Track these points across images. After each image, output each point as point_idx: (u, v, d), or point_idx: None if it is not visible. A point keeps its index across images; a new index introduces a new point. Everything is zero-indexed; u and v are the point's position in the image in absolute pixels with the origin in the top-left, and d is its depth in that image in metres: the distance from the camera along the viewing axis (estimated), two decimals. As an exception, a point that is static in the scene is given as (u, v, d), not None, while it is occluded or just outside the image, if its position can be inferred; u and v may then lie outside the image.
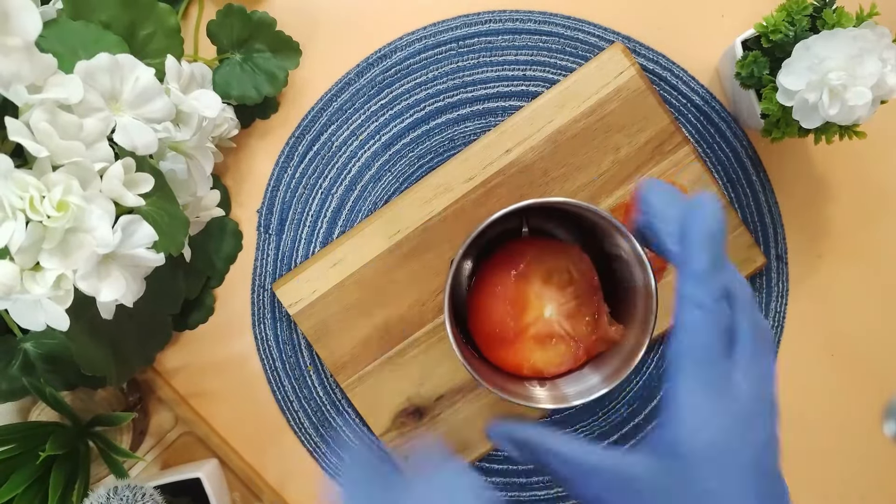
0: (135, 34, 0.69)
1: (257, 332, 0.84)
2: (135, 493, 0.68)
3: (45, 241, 0.52)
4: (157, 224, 0.58)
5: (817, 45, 0.66)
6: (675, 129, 0.79)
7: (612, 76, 0.78)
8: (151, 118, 0.60)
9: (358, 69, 0.83)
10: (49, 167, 0.53)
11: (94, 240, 0.54)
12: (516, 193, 0.79)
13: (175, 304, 0.77)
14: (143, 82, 0.59)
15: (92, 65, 0.56)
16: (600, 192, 0.80)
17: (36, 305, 0.54)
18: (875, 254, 0.84)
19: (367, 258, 0.79)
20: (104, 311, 0.58)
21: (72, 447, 0.72)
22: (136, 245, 0.56)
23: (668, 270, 0.79)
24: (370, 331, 0.80)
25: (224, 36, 0.77)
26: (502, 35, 0.82)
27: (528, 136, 0.79)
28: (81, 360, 0.63)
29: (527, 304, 0.71)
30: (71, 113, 0.55)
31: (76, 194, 0.52)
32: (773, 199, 0.83)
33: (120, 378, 0.71)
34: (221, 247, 0.82)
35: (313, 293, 0.79)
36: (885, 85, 0.67)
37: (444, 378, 0.81)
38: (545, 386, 0.71)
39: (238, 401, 0.85)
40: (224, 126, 0.77)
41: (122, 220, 0.55)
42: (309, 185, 0.83)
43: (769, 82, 0.71)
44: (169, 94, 0.62)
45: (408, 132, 0.83)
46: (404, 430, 0.81)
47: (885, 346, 0.83)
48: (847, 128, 0.71)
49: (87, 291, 0.54)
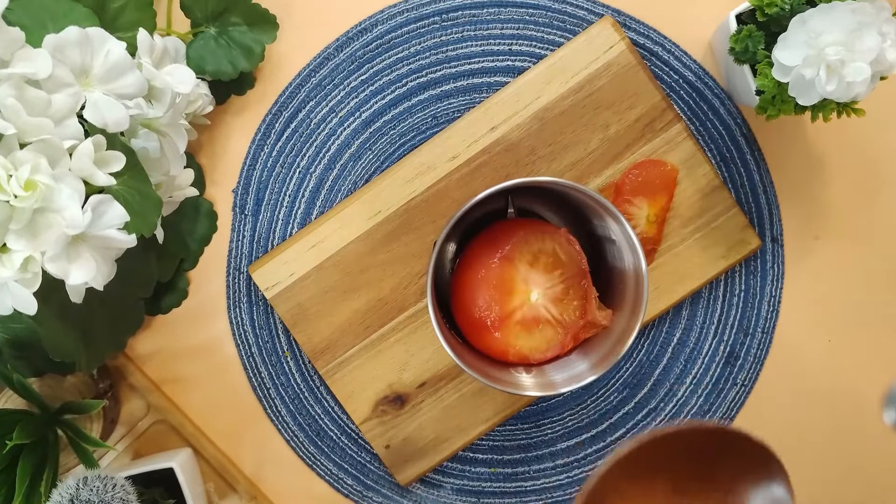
0: (105, 7, 0.69)
1: (232, 316, 0.84)
2: (105, 484, 0.67)
3: (13, 221, 0.52)
4: (129, 204, 0.58)
5: (814, 18, 0.66)
6: (666, 106, 0.79)
7: (601, 51, 0.78)
8: (123, 94, 0.60)
9: (337, 43, 0.82)
10: (16, 145, 0.53)
11: (63, 220, 0.53)
12: (502, 173, 0.79)
13: (147, 287, 0.76)
14: (114, 57, 0.59)
15: (61, 38, 0.56)
16: (589, 171, 0.79)
17: (2, 288, 0.54)
18: (874, 235, 0.84)
19: (346, 240, 0.79)
20: (73, 294, 0.57)
21: (40, 436, 0.71)
22: (106, 226, 0.56)
23: (658, 253, 0.79)
24: (350, 315, 0.80)
25: (198, 8, 0.77)
26: (487, 8, 0.81)
27: (513, 113, 0.78)
28: (50, 346, 0.64)
29: (512, 287, 0.71)
30: (39, 88, 0.54)
31: (44, 173, 0.52)
32: (768, 178, 0.83)
33: (90, 364, 0.70)
34: (195, 228, 0.82)
35: (291, 276, 0.79)
36: (885, 60, 0.67)
37: (426, 364, 0.81)
38: (531, 372, 0.72)
39: (212, 388, 0.85)
40: (198, 102, 0.76)
41: (92, 199, 0.55)
42: (286, 164, 0.83)
43: (764, 57, 0.71)
44: (141, 69, 0.62)
45: (389, 109, 0.82)
46: (385, 418, 0.81)
47: (884, 332, 0.83)
48: (845, 105, 0.71)
49: (55, 274, 0.54)
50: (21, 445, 0.68)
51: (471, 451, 0.84)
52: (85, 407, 0.72)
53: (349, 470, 0.84)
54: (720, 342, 0.83)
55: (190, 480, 0.76)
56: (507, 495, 0.85)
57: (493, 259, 0.70)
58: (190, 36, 0.77)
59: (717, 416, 0.83)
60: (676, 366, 0.83)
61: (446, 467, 0.84)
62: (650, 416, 0.84)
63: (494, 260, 0.70)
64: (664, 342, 0.83)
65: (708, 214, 0.79)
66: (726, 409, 0.83)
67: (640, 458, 0.51)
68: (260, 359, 0.84)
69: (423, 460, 0.81)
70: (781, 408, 0.73)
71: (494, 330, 0.70)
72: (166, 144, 0.66)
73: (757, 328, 0.83)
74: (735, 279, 0.82)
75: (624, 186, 0.78)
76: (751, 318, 0.83)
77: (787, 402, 0.81)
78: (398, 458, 0.81)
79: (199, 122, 0.80)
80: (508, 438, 0.84)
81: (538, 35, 0.81)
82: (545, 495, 0.84)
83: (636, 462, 0.52)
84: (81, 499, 0.65)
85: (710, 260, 0.79)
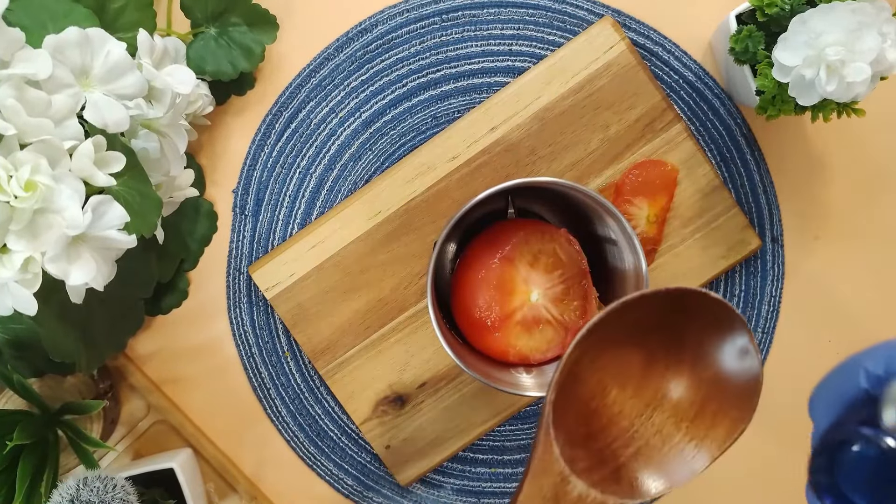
0: (105, 7, 0.69)
1: (233, 316, 0.83)
2: (105, 485, 0.67)
3: (13, 222, 0.52)
4: (129, 204, 0.58)
5: (814, 18, 0.66)
6: (666, 107, 0.78)
7: (601, 51, 0.78)
8: (123, 94, 0.60)
9: (337, 44, 0.82)
10: (16, 145, 0.53)
11: (63, 221, 0.53)
12: (502, 173, 0.79)
13: (147, 287, 0.76)
14: (115, 57, 0.59)
15: (61, 39, 0.56)
16: (589, 171, 0.79)
17: (3, 289, 0.54)
18: (874, 236, 0.83)
19: (346, 240, 0.79)
20: (74, 294, 0.57)
21: (40, 436, 0.71)
22: (106, 226, 0.56)
23: (658, 253, 0.78)
24: (350, 315, 0.80)
25: (198, 9, 0.76)
26: (487, 8, 0.81)
27: (513, 113, 0.78)
28: (50, 346, 0.63)
29: (513, 288, 0.70)
30: (39, 89, 0.54)
31: (45, 174, 0.52)
32: (768, 178, 0.83)
33: (90, 364, 0.70)
34: (195, 228, 0.82)
35: (291, 276, 0.79)
36: (885, 60, 0.66)
37: (426, 364, 0.81)
38: (532, 373, 0.71)
39: (213, 388, 0.84)
40: (198, 103, 0.76)
41: (92, 200, 0.55)
42: (286, 165, 0.83)
43: (764, 58, 0.71)
44: (141, 70, 0.62)
45: (389, 109, 0.82)
46: (385, 418, 0.81)
47: (884, 332, 0.82)
48: (845, 105, 0.71)
49: (55, 274, 0.54)
50: (21, 446, 0.68)
51: (471, 451, 0.84)
52: (85, 407, 0.72)
53: (349, 470, 0.84)
54: (720, 342, 0.83)
55: (190, 481, 0.76)
56: (508, 495, 0.85)
57: (494, 259, 0.70)
58: (190, 36, 0.77)
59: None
60: (677, 366, 0.83)
61: (446, 467, 0.84)
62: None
63: (495, 260, 0.70)
64: (664, 342, 0.83)
65: (708, 214, 0.79)
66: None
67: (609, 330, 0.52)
68: (260, 359, 0.83)
69: (424, 460, 0.81)
70: (781, 408, 0.73)
71: (495, 330, 0.70)
72: (166, 145, 0.66)
73: (757, 328, 0.82)
74: (735, 279, 0.82)
75: (624, 187, 0.78)
76: (751, 318, 0.82)
77: (787, 402, 0.81)
78: (398, 458, 0.81)
79: (199, 122, 0.80)
80: (508, 438, 0.84)
81: (538, 35, 0.81)
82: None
83: (607, 335, 0.53)
84: (82, 499, 0.65)
85: (710, 260, 0.79)
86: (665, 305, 0.52)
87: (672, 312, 0.53)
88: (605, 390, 0.55)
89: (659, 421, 0.55)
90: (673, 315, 0.53)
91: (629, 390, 0.55)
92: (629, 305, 0.51)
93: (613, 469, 0.54)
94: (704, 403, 0.54)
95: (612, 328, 0.53)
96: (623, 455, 0.54)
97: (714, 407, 0.52)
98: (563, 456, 0.51)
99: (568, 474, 0.51)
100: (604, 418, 0.55)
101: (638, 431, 0.55)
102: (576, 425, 0.54)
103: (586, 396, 0.55)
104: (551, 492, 0.51)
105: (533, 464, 0.51)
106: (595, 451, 0.54)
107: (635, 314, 0.52)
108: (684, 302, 0.52)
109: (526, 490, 0.51)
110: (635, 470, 0.54)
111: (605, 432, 0.55)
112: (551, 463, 0.51)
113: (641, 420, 0.55)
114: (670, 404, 0.55)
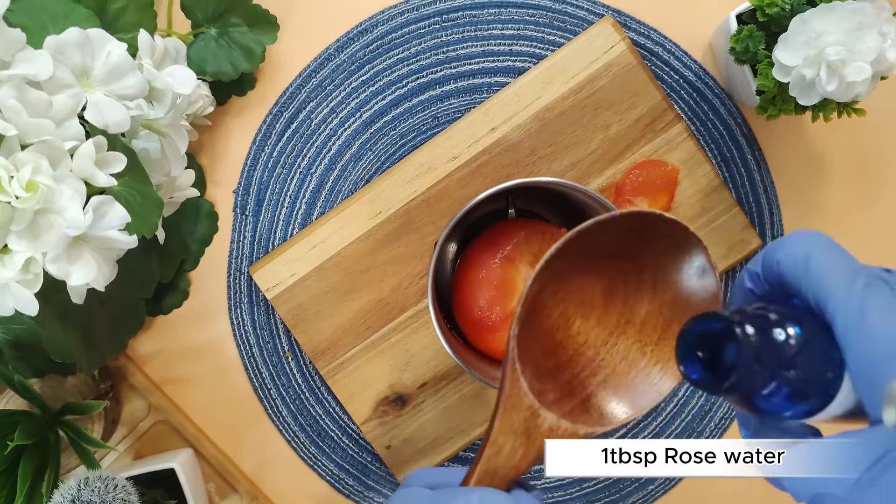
0: (106, 8, 0.69)
1: (233, 316, 0.83)
2: (106, 485, 0.67)
3: (14, 222, 0.52)
4: (130, 205, 0.58)
5: (815, 18, 0.66)
6: (667, 107, 0.78)
7: (601, 51, 0.78)
8: (123, 95, 0.60)
9: (338, 44, 0.82)
10: (17, 146, 0.53)
11: (64, 221, 0.53)
12: (502, 173, 0.79)
13: (148, 287, 0.76)
14: (115, 58, 0.59)
15: (62, 39, 0.56)
16: (589, 171, 0.79)
17: (4, 289, 0.54)
18: (874, 236, 0.83)
19: (347, 240, 0.79)
20: (75, 295, 0.57)
21: (41, 437, 0.71)
22: (107, 227, 0.56)
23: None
24: (350, 315, 0.80)
25: (199, 9, 0.76)
26: (487, 8, 0.81)
27: (514, 113, 0.78)
28: (51, 346, 0.63)
29: (513, 288, 0.70)
30: (40, 90, 0.54)
31: (46, 174, 0.52)
32: (768, 178, 0.82)
33: (91, 365, 0.70)
34: (196, 228, 0.82)
35: (291, 276, 0.79)
36: (885, 60, 0.67)
37: (427, 365, 0.81)
38: None
39: (213, 388, 0.84)
40: (199, 103, 0.76)
41: (93, 200, 0.55)
42: (287, 165, 0.83)
43: (765, 57, 0.71)
44: (142, 70, 0.62)
45: (390, 109, 0.82)
46: (386, 418, 0.81)
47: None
48: (845, 105, 0.71)
49: (56, 275, 0.54)
50: (22, 446, 0.68)
51: (471, 451, 0.84)
52: (86, 408, 0.72)
53: (350, 470, 0.84)
54: (721, 342, 0.82)
55: (191, 481, 0.76)
56: (508, 495, 0.85)
57: (494, 259, 0.70)
58: (190, 37, 0.77)
59: (718, 416, 0.83)
60: (677, 366, 0.83)
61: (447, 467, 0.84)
62: (651, 416, 0.83)
63: (495, 260, 0.70)
64: (665, 342, 0.83)
65: (709, 214, 0.79)
66: (727, 408, 0.83)
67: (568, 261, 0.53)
68: (261, 359, 0.83)
69: (424, 461, 0.81)
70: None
71: (495, 330, 0.70)
72: (167, 145, 0.66)
73: (757, 328, 0.82)
74: (736, 279, 0.82)
75: (625, 186, 0.78)
76: (751, 318, 0.82)
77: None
78: (399, 458, 0.81)
79: (199, 122, 0.80)
80: (509, 438, 0.84)
81: (538, 35, 0.81)
82: (545, 495, 0.84)
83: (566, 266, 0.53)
84: (83, 499, 0.65)
85: (710, 260, 0.79)
86: (621, 232, 0.53)
87: (629, 238, 0.53)
88: (569, 321, 0.55)
89: (624, 347, 0.55)
90: (630, 241, 0.53)
91: (592, 320, 0.55)
92: (585, 234, 0.51)
93: (583, 399, 0.54)
94: (667, 326, 0.54)
95: (571, 259, 0.53)
96: (591, 384, 0.54)
97: (676, 328, 0.52)
98: (532, 389, 0.51)
99: (537, 407, 0.51)
100: (569, 349, 0.55)
101: (604, 360, 0.55)
102: (542, 358, 0.54)
103: (550, 329, 0.55)
104: (522, 426, 0.51)
105: (502, 400, 0.52)
106: (563, 382, 0.54)
107: (593, 243, 0.53)
108: (640, 226, 0.52)
109: (497, 426, 0.51)
110: (604, 398, 0.54)
111: (571, 363, 0.55)
112: (520, 398, 0.51)
113: (607, 348, 0.55)
114: (634, 330, 0.55)
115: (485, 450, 0.51)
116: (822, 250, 0.46)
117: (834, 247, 0.46)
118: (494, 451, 0.51)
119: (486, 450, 0.51)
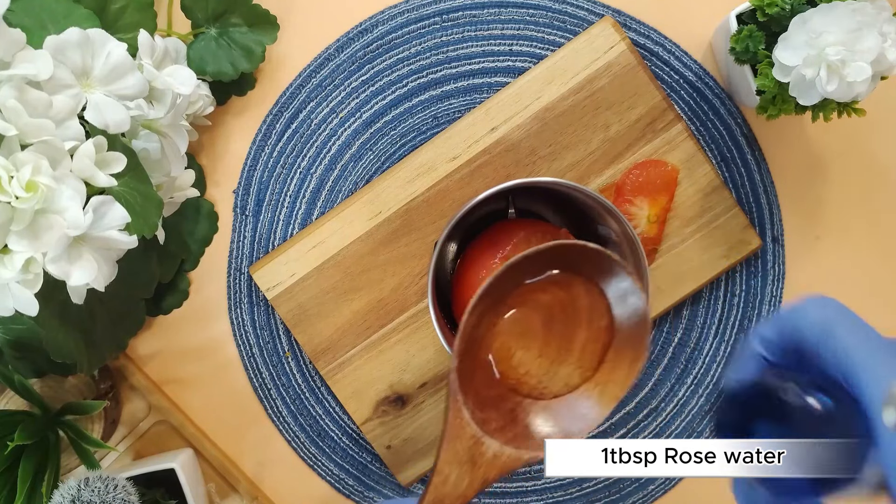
0: (106, 8, 0.69)
1: (233, 316, 0.83)
2: (107, 485, 0.67)
3: (14, 222, 0.52)
4: (130, 205, 0.58)
5: (815, 18, 0.66)
6: (667, 107, 0.78)
7: (601, 51, 0.77)
8: (124, 95, 0.60)
9: (338, 44, 0.82)
10: (17, 146, 0.53)
11: (64, 221, 0.53)
12: (502, 173, 0.79)
13: (148, 288, 0.76)
14: (115, 58, 0.59)
15: (62, 40, 0.56)
16: (589, 171, 0.79)
17: (4, 289, 0.54)
18: (875, 235, 0.83)
19: (347, 240, 0.79)
20: (75, 295, 0.57)
21: (41, 437, 0.71)
22: (107, 227, 0.56)
23: (659, 253, 0.78)
24: (350, 315, 0.80)
25: (199, 9, 0.76)
26: (488, 8, 0.81)
27: (514, 113, 0.78)
28: (51, 347, 0.63)
29: None
30: (40, 90, 0.54)
31: (46, 174, 0.52)
32: (768, 178, 0.82)
33: (91, 365, 0.70)
34: (196, 229, 0.82)
35: (291, 276, 0.79)
36: (886, 60, 0.66)
37: (427, 365, 0.81)
38: None
39: (213, 388, 0.84)
40: (199, 103, 0.76)
41: (93, 200, 0.55)
42: (287, 165, 0.83)
43: (765, 57, 0.71)
44: (142, 71, 0.62)
45: (390, 109, 0.82)
46: (386, 418, 0.81)
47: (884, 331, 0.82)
48: (846, 105, 0.71)
49: (57, 275, 0.54)
50: (22, 446, 0.69)
51: (472, 451, 0.84)
52: (86, 408, 0.72)
53: (350, 470, 0.84)
54: (721, 342, 0.82)
55: (191, 481, 0.76)
56: (508, 495, 0.85)
57: (494, 259, 0.70)
58: (190, 37, 0.77)
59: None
60: (677, 366, 0.83)
61: (447, 467, 0.84)
62: (651, 416, 0.83)
63: (495, 260, 0.70)
64: (665, 342, 0.83)
65: (709, 214, 0.79)
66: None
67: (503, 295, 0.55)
68: (261, 359, 0.83)
69: (425, 460, 0.81)
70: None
71: (495, 330, 0.70)
72: (167, 145, 0.66)
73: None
74: (735, 279, 0.82)
75: (624, 186, 0.78)
76: (751, 318, 0.82)
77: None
78: (399, 458, 0.81)
79: (199, 122, 0.80)
80: (509, 438, 0.84)
81: (538, 35, 0.81)
82: (546, 495, 0.84)
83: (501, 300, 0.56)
84: (83, 500, 0.66)
85: (710, 260, 0.79)
86: (552, 263, 0.55)
87: (561, 268, 0.55)
88: (510, 353, 0.57)
89: (565, 374, 0.57)
90: (561, 272, 0.55)
91: (534, 350, 0.57)
92: (514, 267, 0.53)
93: (526, 425, 0.56)
94: (604, 351, 0.56)
95: (507, 292, 0.55)
96: (533, 410, 0.56)
97: (613, 353, 0.55)
98: (475, 419, 0.53)
99: (480, 436, 0.53)
100: (512, 379, 0.57)
101: (546, 387, 0.57)
102: (485, 388, 0.56)
103: (492, 360, 0.57)
104: (467, 455, 0.52)
105: (447, 430, 0.53)
106: (506, 410, 0.56)
107: (526, 276, 0.55)
108: (567, 257, 0.54)
109: (443, 456, 0.52)
110: (546, 423, 0.56)
111: (514, 391, 0.57)
112: (463, 427, 0.53)
113: (549, 376, 0.57)
114: (574, 357, 0.57)
115: (432, 479, 0.52)
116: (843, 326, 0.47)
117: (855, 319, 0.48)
118: (441, 479, 0.52)
119: (433, 479, 0.52)
